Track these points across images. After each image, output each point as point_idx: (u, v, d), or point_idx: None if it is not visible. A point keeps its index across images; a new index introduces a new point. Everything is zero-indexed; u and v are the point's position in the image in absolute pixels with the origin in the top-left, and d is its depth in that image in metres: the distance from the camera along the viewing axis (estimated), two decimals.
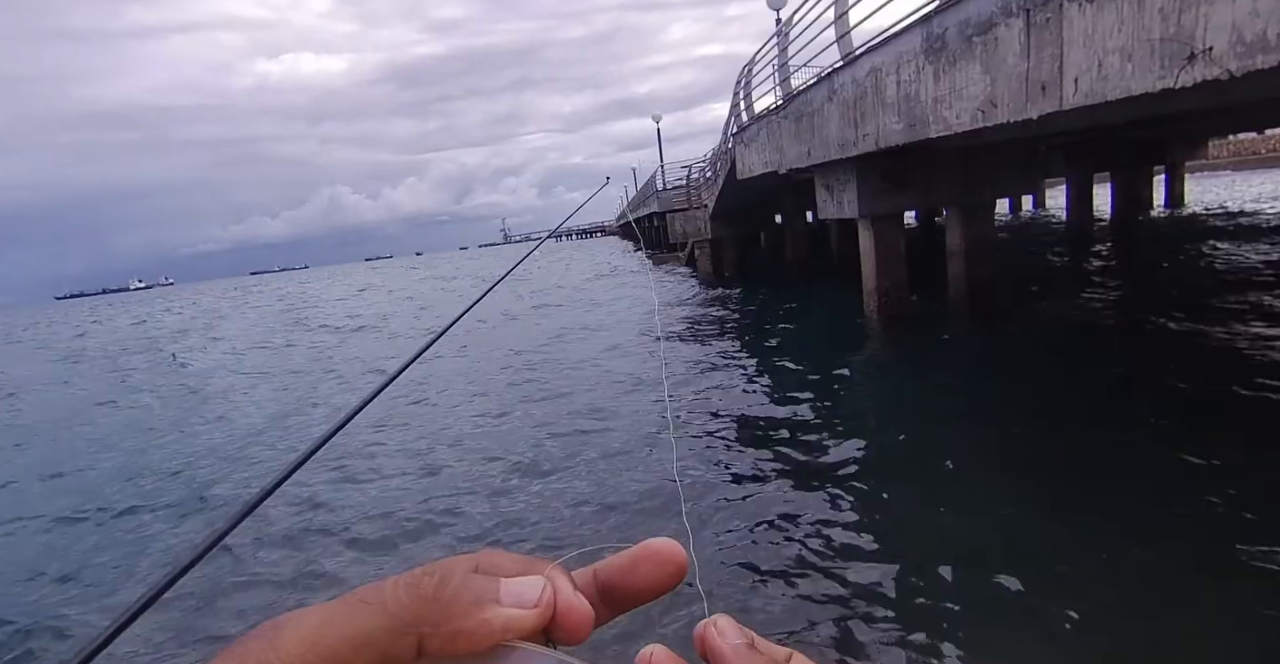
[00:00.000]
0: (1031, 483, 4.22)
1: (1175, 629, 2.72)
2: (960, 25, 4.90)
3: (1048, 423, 5.19)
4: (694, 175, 22.17)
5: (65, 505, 6.22)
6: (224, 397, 10.77)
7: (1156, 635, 2.70)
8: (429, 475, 5.72)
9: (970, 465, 4.58)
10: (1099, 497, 3.87)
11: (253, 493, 0.53)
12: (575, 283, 22.83)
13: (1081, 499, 3.87)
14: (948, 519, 3.86)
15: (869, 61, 6.59)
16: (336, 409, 8.96)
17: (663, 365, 4.70)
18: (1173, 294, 9.03)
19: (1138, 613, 2.84)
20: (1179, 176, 22.95)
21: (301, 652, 0.23)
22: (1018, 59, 4.26)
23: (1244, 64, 2.72)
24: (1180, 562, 3.17)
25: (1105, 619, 2.82)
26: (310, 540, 4.67)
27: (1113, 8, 3.38)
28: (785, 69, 9.64)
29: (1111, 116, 6.13)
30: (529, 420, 6.95)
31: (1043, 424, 5.17)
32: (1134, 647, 2.68)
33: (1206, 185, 30.18)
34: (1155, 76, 3.16)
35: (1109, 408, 5.30)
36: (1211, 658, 2.62)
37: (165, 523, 5.48)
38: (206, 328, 25.05)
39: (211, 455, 7.28)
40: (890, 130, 6.32)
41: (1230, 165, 42.97)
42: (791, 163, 9.48)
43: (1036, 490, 4.10)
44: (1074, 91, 3.79)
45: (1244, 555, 3.12)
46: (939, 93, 5.34)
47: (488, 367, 10.05)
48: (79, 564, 4.87)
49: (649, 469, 5.16)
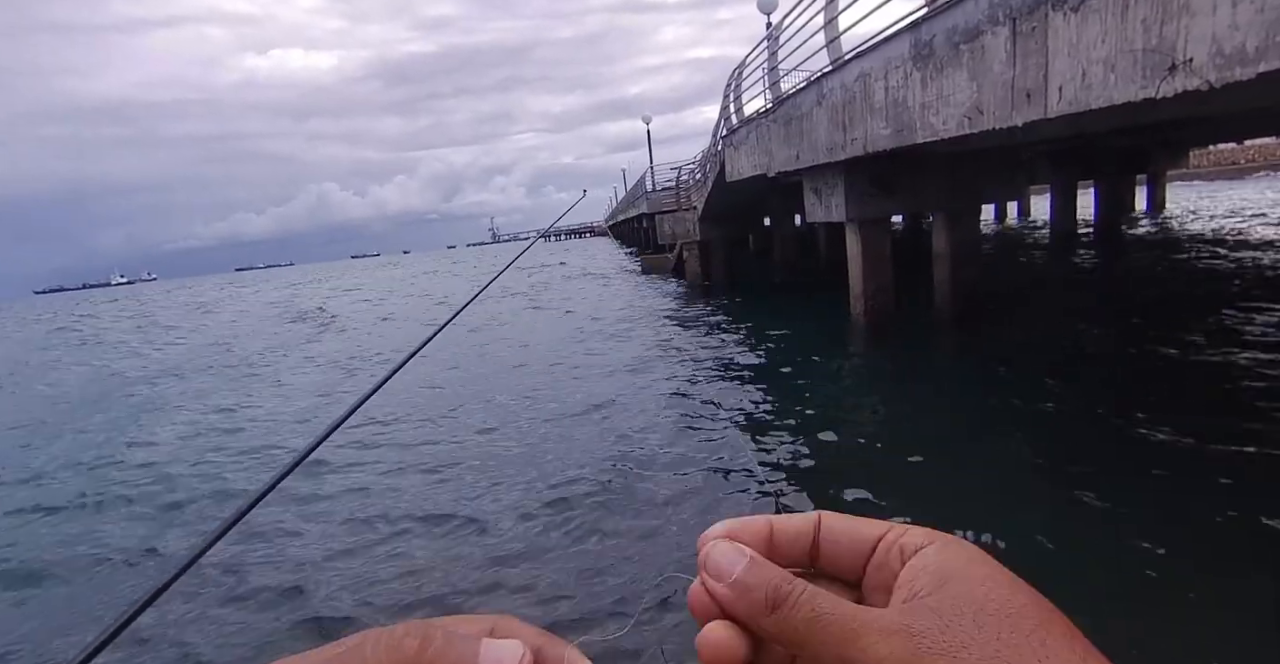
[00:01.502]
0: (1023, 488, 4.27)
1: (1172, 628, 2.77)
2: (948, 33, 4.95)
3: (1037, 432, 5.25)
4: (683, 177, 22.20)
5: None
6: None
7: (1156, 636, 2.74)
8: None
9: (960, 470, 4.62)
10: (1081, 493, 3.92)
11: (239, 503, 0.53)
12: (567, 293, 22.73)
13: (1070, 500, 3.93)
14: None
15: (858, 67, 6.65)
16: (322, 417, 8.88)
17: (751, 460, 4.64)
18: (1156, 300, 9.18)
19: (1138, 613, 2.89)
20: (1161, 185, 23.33)
21: None
22: (1003, 67, 4.32)
23: (1223, 75, 2.77)
24: (1179, 568, 3.22)
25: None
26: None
27: (1097, 18, 3.43)
28: (775, 73, 9.69)
29: (1095, 125, 6.21)
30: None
31: (1029, 429, 5.23)
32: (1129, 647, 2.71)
33: (1186, 193, 30.71)
34: (1137, 86, 3.21)
35: (1091, 411, 5.38)
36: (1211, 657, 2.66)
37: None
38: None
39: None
40: (878, 135, 6.37)
41: (1210, 174, 43.71)
42: (780, 166, 9.52)
43: (1032, 495, 4.15)
44: (1058, 100, 3.84)
45: (1245, 563, 3.18)
46: (926, 99, 5.40)
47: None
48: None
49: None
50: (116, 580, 4.49)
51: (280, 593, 3.95)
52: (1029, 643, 0.26)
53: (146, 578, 4.50)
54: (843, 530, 0.33)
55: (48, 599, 4.37)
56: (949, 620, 0.28)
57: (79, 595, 4.36)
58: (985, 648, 0.26)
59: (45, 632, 3.93)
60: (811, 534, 0.33)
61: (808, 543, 0.33)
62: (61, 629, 3.92)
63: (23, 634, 3.93)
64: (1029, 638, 0.27)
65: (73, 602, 4.29)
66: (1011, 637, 0.27)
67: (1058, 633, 0.27)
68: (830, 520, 0.34)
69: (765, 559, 0.31)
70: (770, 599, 0.30)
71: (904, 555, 0.31)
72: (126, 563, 4.70)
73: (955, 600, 0.28)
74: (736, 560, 0.31)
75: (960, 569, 0.29)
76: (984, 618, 0.27)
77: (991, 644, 0.27)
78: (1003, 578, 0.29)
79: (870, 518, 0.34)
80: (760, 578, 0.30)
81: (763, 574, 0.30)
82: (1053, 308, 9.54)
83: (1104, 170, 15.98)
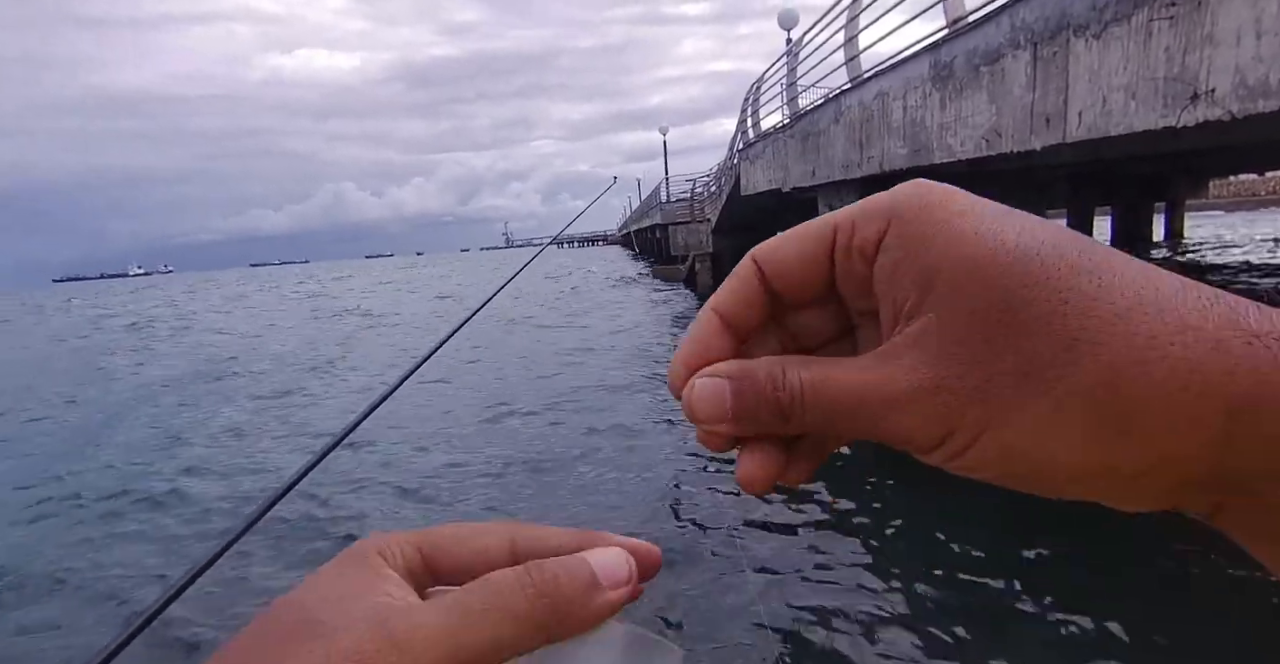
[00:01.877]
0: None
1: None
2: (968, 55, 4.96)
3: None
4: (698, 189, 22.28)
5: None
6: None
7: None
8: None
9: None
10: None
11: (273, 489, 0.54)
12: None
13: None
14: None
15: (876, 85, 6.66)
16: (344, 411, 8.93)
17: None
18: None
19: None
20: (1179, 214, 23.16)
21: (433, 657, 0.22)
22: (1023, 90, 4.31)
23: (1245, 107, 2.76)
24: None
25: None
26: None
27: (1119, 45, 3.43)
28: (794, 88, 9.73)
29: (1114, 151, 6.18)
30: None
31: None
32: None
33: (1203, 222, 30.44)
34: (1158, 115, 3.20)
35: None
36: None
37: None
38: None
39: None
40: (895, 154, 6.37)
41: (1229, 205, 43.39)
42: (796, 181, 9.54)
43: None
44: (1077, 125, 3.83)
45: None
46: (944, 120, 5.40)
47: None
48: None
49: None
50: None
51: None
52: (1047, 334, 0.21)
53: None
54: (786, 257, 0.26)
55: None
56: (959, 352, 0.22)
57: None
58: (1007, 373, 0.21)
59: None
60: (757, 284, 0.27)
61: (760, 297, 0.27)
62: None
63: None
64: (1045, 330, 0.21)
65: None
66: (1027, 342, 0.21)
67: (1072, 302, 0.21)
68: (765, 255, 0.27)
69: (744, 363, 0.26)
70: (777, 412, 0.25)
71: (866, 258, 0.25)
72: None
73: (953, 313, 0.22)
74: (719, 391, 0.25)
75: (938, 254, 0.23)
76: (991, 330, 0.21)
77: (1011, 363, 0.21)
78: (984, 242, 0.22)
79: (808, 221, 0.26)
80: (753, 396, 0.25)
81: (753, 388, 0.25)
82: None
83: (1122, 196, 15.90)
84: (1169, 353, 0.20)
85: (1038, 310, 0.21)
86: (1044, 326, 0.21)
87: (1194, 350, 0.20)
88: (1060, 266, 0.21)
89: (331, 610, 0.23)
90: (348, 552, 0.26)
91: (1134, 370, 0.20)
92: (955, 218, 0.23)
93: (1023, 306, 0.21)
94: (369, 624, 0.22)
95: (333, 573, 0.25)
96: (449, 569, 0.26)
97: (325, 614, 0.23)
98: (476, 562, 0.27)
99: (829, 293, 0.27)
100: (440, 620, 0.22)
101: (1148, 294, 0.21)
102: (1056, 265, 0.21)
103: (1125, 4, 3.34)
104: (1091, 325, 0.20)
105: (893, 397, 0.23)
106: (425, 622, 0.22)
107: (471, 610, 0.23)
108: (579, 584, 0.24)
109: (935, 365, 0.22)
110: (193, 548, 4.57)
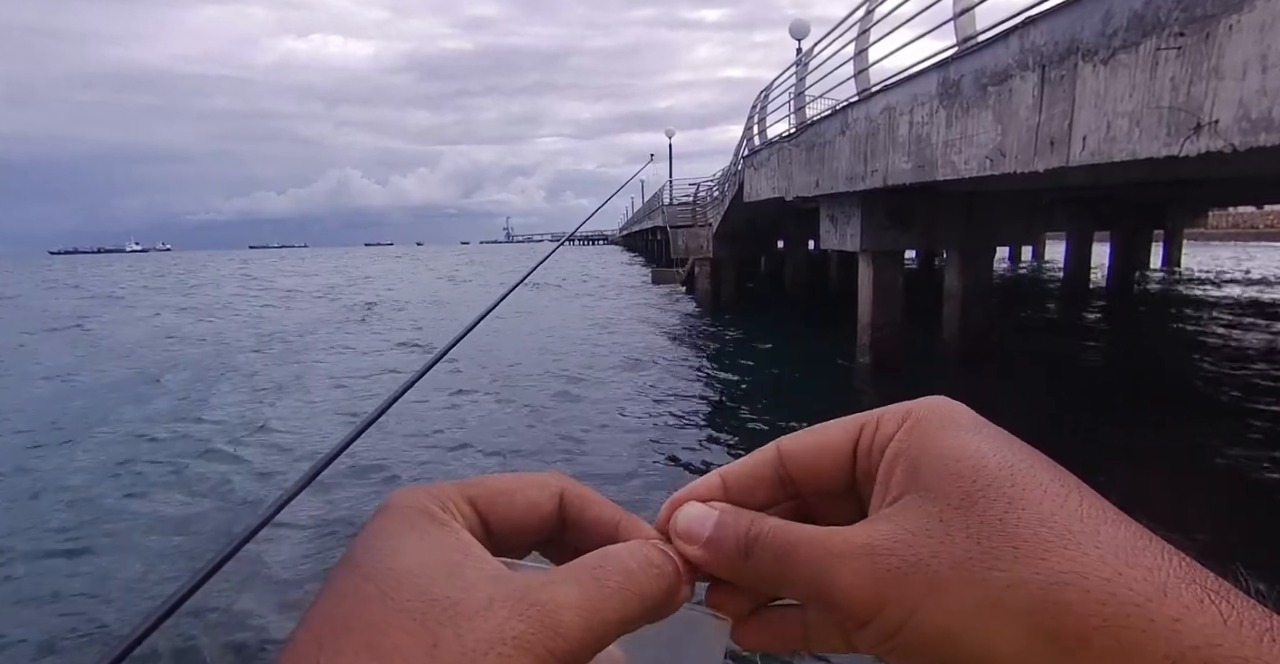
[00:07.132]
0: None
1: None
2: (976, 73, 4.98)
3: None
4: (701, 193, 22.30)
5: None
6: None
7: None
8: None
9: None
10: None
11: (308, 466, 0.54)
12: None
13: None
14: None
15: (884, 100, 6.69)
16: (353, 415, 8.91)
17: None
18: (1164, 355, 9.13)
19: None
20: (1177, 243, 23.32)
21: (582, 636, 0.21)
22: (1029, 112, 4.34)
23: (1247, 140, 2.79)
24: None
25: None
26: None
27: (1125, 73, 3.45)
28: (801, 98, 9.76)
29: (1115, 177, 6.23)
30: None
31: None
32: None
33: (1200, 253, 30.66)
34: (1161, 143, 3.22)
35: (1096, 454, 5.32)
36: None
37: None
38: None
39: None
40: (899, 169, 6.39)
41: (1226, 236, 43.68)
42: (799, 191, 9.56)
43: None
44: (1081, 149, 3.86)
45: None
46: (950, 137, 5.42)
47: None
48: None
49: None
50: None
51: None
52: (999, 532, 0.22)
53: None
54: (807, 448, 0.28)
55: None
56: (914, 526, 0.23)
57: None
58: (953, 552, 0.22)
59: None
60: (772, 468, 0.28)
61: (772, 480, 0.28)
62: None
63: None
64: (999, 527, 0.22)
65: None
66: (978, 531, 0.22)
67: (1030, 510, 0.22)
68: (789, 444, 0.28)
69: (738, 508, 0.27)
70: (742, 546, 0.26)
71: (883, 452, 0.27)
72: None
73: (923, 497, 0.24)
74: (706, 517, 0.27)
75: (931, 451, 0.25)
76: (949, 513, 0.23)
77: (959, 545, 0.22)
78: (969, 446, 0.24)
79: (840, 418, 0.28)
80: (730, 528, 0.26)
81: (733, 522, 0.27)
82: (1059, 357, 9.50)
83: (1121, 223, 15.99)
84: (1118, 584, 0.21)
85: (996, 511, 0.23)
86: (997, 526, 0.22)
87: (1142, 590, 0.20)
88: (1030, 485, 0.23)
89: (450, 584, 0.21)
90: (406, 507, 0.23)
91: (1076, 585, 0.21)
92: (958, 428, 0.25)
93: (987, 506, 0.23)
94: (510, 602, 0.21)
95: (411, 535, 0.22)
96: (498, 524, 0.25)
97: (447, 589, 0.21)
98: (529, 517, 0.26)
99: (848, 489, 0.28)
100: (582, 599, 0.22)
101: (1105, 531, 0.22)
102: (1025, 483, 0.23)
103: (1134, 32, 3.37)
104: (1043, 534, 0.22)
105: (836, 549, 0.24)
106: (569, 599, 0.22)
107: (608, 588, 0.23)
108: (683, 571, 0.25)
109: (888, 534, 0.24)
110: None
